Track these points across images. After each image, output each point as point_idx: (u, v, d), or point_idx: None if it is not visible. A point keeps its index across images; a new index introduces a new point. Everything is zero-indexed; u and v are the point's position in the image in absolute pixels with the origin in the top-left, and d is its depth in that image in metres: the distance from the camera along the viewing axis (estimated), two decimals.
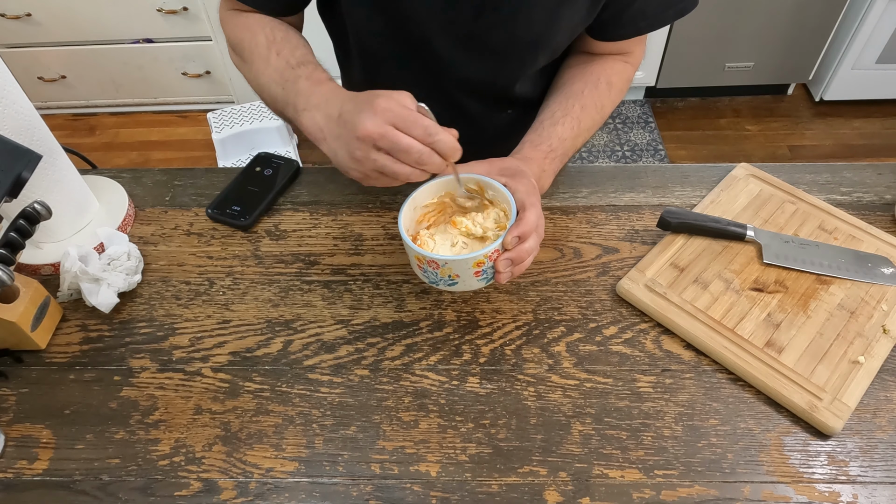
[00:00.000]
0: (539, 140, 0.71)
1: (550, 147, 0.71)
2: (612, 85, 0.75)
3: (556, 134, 0.71)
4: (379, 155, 0.56)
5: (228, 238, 0.82)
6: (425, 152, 0.55)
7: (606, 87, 0.75)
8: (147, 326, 0.73)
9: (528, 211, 0.61)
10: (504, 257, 0.60)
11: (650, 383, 0.67)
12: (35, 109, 0.71)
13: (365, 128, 0.54)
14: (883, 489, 0.59)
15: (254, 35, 0.71)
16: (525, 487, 0.60)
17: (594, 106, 0.74)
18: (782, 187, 0.83)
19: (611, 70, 0.76)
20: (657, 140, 2.35)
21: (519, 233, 0.60)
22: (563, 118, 0.72)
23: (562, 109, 0.73)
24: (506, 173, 0.65)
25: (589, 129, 0.75)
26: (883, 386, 0.66)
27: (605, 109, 0.75)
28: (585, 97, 0.74)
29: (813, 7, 2.12)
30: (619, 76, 0.76)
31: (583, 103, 0.73)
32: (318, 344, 0.71)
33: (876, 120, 2.38)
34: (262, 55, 0.70)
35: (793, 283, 0.73)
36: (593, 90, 0.74)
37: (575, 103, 0.73)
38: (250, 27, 0.72)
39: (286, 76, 0.67)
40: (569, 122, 0.72)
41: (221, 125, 2.12)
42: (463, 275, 0.61)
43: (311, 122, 0.63)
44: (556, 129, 0.72)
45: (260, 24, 0.72)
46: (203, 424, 0.65)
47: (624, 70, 0.77)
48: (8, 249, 0.62)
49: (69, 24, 2.20)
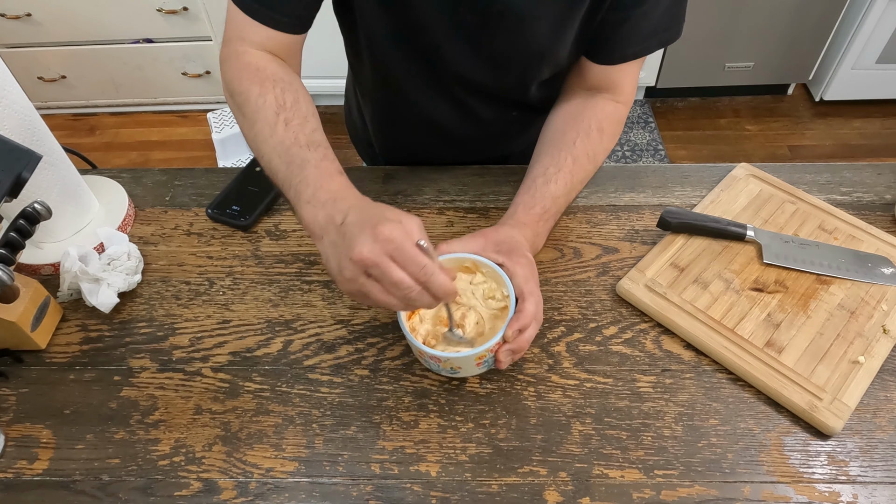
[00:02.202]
0: (532, 202, 0.71)
1: (544, 208, 0.71)
2: (604, 132, 0.75)
3: (550, 193, 0.71)
4: (368, 281, 0.53)
5: (228, 238, 0.82)
6: (415, 290, 0.52)
7: (598, 134, 0.74)
8: (147, 326, 0.73)
9: (527, 301, 0.61)
10: (505, 349, 0.60)
11: (650, 383, 0.67)
12: (35, 109, 0.71)
13: (360, 252, 0.51)
14: (883, 489, 0.59)
15: (262, 93, 0.66)
16: (525, 487, 0.60)
17: (586, 156, 0.73)
18: (782, 187, 0.83)
19: (602, 115, 0.75)
20: (657, 140, 2.35)
21: (520, 325, 0.60)
22: (556, 174, 0.72)
23: (554, 165, 0.72)
24: (501, 249, 0.64)
25: (582, 182, 0.75)
26: (883, 386, 0.66)
27: (597, 158, 0.75)
28: (577, 148, 0.73)
29: (813, 7, 2.12)
30: (610, 120, 0.76)
31: (575, 155, 0.73)
32: (318, 344, 0.71)
33: (876, 120, 2.38)
34: (268, 120, 0.65)
35: (793, 283, 0.73)
36: (585, 139, 0.74)
37: (567, 156, 0.73)
38: (260, 80, 0.67)
39: (293, 155, 0.62)
40: (562, 178, 0.72)
41: (221, 125, 2.12)
42: (465, 367, 0.62)
43: (312, 218, 0.59)
44: (549, 188, 0.71)
45: (270, 82, 0.67)
46: (203, 424, 0.65)
47: (615, 112, 0.76)
48: (8, 249, 0.62)
49: (69, 24, 2.20)
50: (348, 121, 1.07)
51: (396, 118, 0.88)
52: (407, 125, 0.88)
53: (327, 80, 1.85)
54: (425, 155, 0.90)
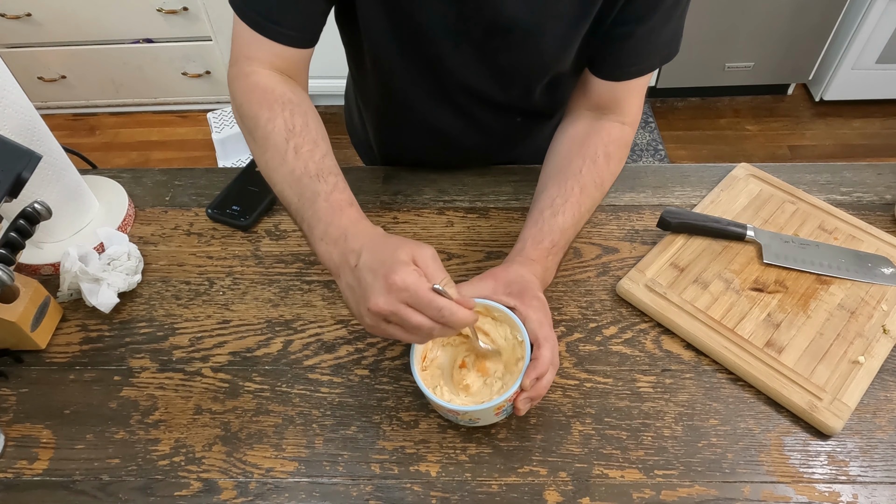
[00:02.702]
0: (541, 236, 0.69)
1: (553, 242, 0.69)
2: (611, 157, 0.73)
3: (558, 226, 0.69)
4: (389, 325, 0.55)
5: (228, 238, 0.82)
6: (436, 328, 0.53)
7: (605, 160, 0.73)
8: (147, 326, 0.73)
9: (543, 347, 0.59)
10: (524, 397, 0.58)
11: (650, 383, 0.67)
12: (35, 109, 0.71)
13: (377, 304, 0.52)
14: (883, 489, 0.59)
15: (271, 117, 0.65)
16: (525, 487, 0.60)
17: (594, 184, 0.72)
18: (782, 187, 0.83)
19: (608, 139, 0.74)
20: (657, 140, 2.35)
21: (537, 374, 0.58)
22: (563, 206, 0.70)
23: (561, 196, 0.71)
24: (512, 290, 0.63)
25: (590, 210, 0.73)
26: (883, 386, 0.66)
27: (604, 185, 0.74)
28: (584, 177, 0.72)
29: (813, 7, 2.12)
30: (617, 144, 0.74)
31: (582, 184, 0.71)
32: (318, 344, 0.71)
33: (876, 120, 2.38)
34: (278, 147, 0.64)
35: (793, 283, 0.73)
36: (592, 167, 0.72)
37: (574, 185, 0.71)
38: (269, 104, 0.65)
39: (304, 187, 0.62)
40: (569, 209, 0.70)
41: (221, 125, 2.12)
42: (483, 417, 0.61)
43: (327, 256, 0.59)
44: (556, 220, 0.69)
45: (279, 105, 0.65)
46: (203, 424, 0.65)
47: (622, 136, 0.75)
48: (8, 249, 0.62)
49: (69, 24, 2.20)
50: (349, 124, 1.07)
51: (399, 126, 0.88)
52: (410, 133, 0.88)
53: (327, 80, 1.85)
54: (428, 161, 0.90)
